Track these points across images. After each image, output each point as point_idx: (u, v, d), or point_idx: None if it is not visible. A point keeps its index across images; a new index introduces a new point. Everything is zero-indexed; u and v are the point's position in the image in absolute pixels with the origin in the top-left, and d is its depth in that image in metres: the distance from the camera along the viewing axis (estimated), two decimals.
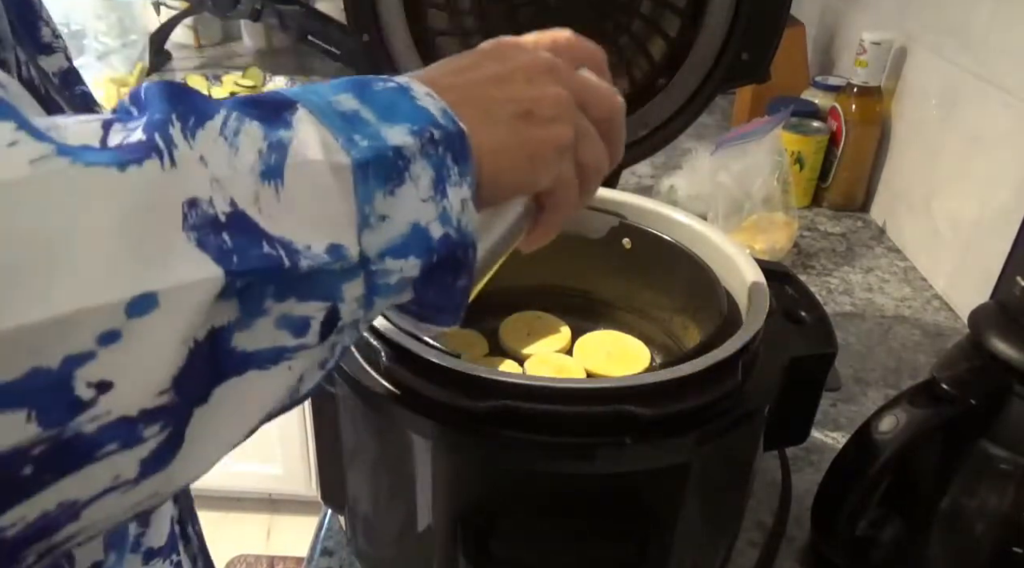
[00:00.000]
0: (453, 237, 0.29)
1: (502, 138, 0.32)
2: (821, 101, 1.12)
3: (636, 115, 0.71)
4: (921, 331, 0.86)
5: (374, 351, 0.43)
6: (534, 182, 0.33)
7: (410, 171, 0.28)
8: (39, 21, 0.38)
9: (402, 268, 0.28)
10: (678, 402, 0.40)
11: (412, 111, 0.29)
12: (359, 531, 0.53)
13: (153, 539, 0.46)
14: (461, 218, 0.29)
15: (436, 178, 0.28)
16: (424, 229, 0.28)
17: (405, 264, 0.28)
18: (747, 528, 0.58)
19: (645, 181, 1.16)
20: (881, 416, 0.51)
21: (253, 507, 1.91)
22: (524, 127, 0.32)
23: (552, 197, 0.35)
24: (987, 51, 0.86)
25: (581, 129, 0.35)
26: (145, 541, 0.45)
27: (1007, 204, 0.80)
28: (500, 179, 0.32)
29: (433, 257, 0.29)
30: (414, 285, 0.29)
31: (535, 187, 0.34)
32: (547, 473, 0.41)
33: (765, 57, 0.67)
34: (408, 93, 0.29)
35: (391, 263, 0.27)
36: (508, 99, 0.32)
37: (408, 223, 0.28)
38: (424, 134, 0.28)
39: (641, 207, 0.58)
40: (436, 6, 0.67)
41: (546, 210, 0.35)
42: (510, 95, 0.33)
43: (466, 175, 0.29)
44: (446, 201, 0.29)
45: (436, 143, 0.28)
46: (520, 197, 0.34)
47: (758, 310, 0.46)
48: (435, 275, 0.29)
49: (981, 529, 0.49)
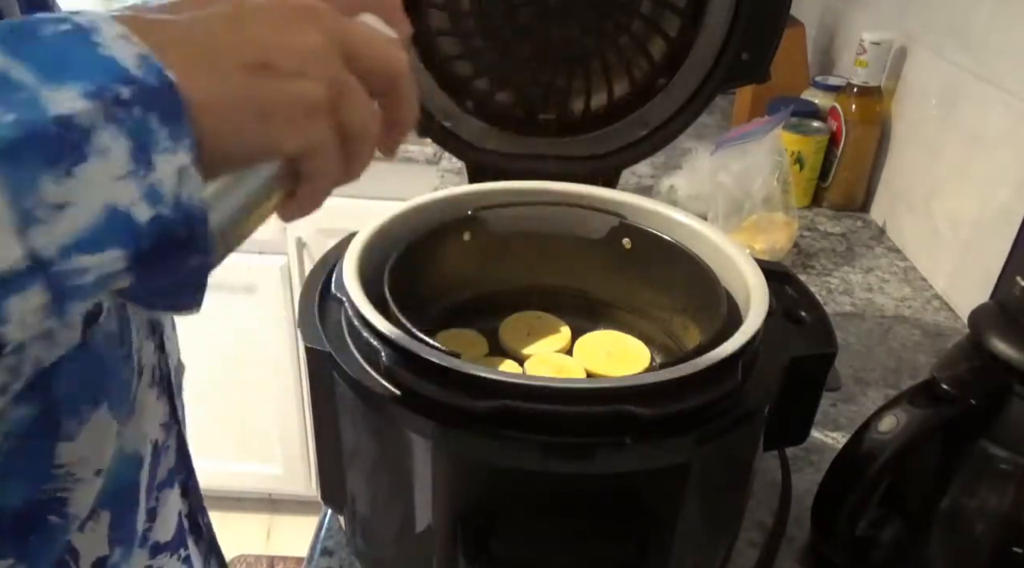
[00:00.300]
0: (167, 216, 0.24)
1: (226, 90, 0.26)
2: (821, 101, 1.12)
3: (636, 115, 0.71)
4: (921, 331, 0.86)
5: (374, 351, 0.43)
6: (272, 145, 0.28)
7: (92, 143, 0.22)
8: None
9: (100, 263, 0.23)
10: (678, 402, 0.40)
11: (90, 63, 0.23)
12: (359, 531, 0.53)
13: (160, 533, 0.46)
14: (180, 192, 0.24)
15: (136, 147, 0.23)
16: (124, 213, 0.23)
17: (103, 258, 0.23)
18: (747, 528, 0.58)
19: (645, 181, 1.17)
20: (881, 416, 0.51)
21: (253, 507, 1.91)
22: (257, 79, 0.27)
23: (306, 163, 0.29)
24: (987, 51, 0.86)
25: (341, 85, 0.29)
26: (152, 535, 0.45)
27: (1007, 204, 0.80)
28: (226, 141, 0.26)
29: (142, 244, 0.24)
30: (131, 274, 0.25)
31: (276, 150, 0.28)
32: (547, 473, 0.41)
33: (765, 57, 0.67)
34: (88, 38, 0.23)
35: (83, 259, 0.23)
36: (240, 43, 0.27)
37: (100, 207, 0.23)
38: (106, 94, 0.23)
39: (641, 207, 0.58)
40: (436, 6, 0.67)
41: (302, 179, 0.30)
42: (243, 38, 0.27)
43: (181, 138, 0.24)
44: (153, 174, 0.23)
45: (128, 104, 0.23)
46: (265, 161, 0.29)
47: (758, 310, 0.46)
48: (153, 261, 0.25)
49: (981, 529, 0.49)
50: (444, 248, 0.58)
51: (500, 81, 0.70)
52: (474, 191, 0.60)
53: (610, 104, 0.71)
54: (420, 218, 0.56)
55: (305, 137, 0.28)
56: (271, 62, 0.27)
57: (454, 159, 0.93)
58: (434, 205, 0.57)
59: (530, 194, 0.60)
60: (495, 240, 0.60)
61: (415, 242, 0.55)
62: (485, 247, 0.60)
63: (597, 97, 0.71)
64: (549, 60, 0.68)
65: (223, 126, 0.26)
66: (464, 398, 0.40)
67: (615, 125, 0.72)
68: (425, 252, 0.56)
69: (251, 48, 0.27)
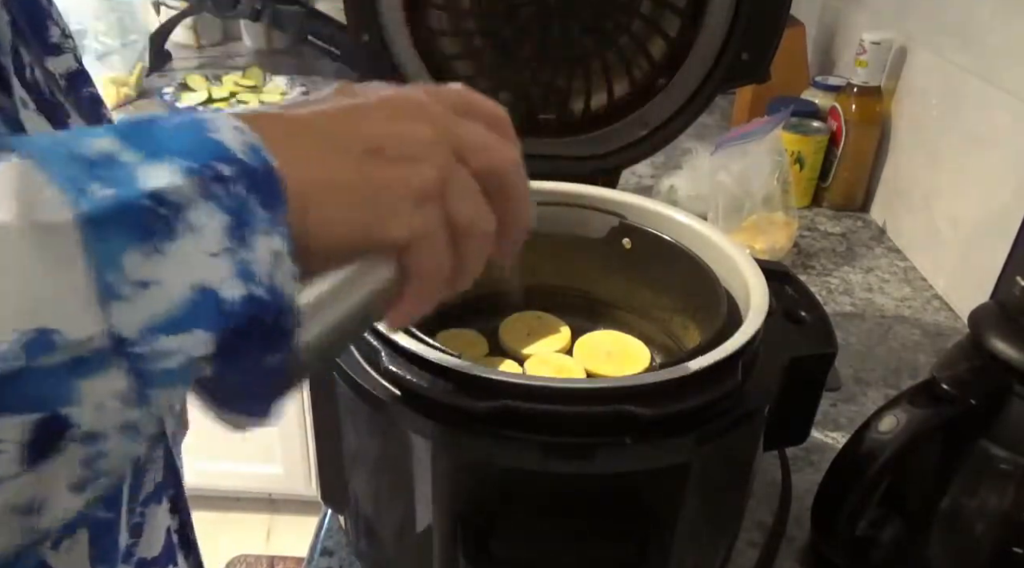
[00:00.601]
0: (260, 297, 0.23)
1: (336, 174, 0.26)
2: (821, 101, 1.12)
3: (636, 115, 0.71)
4: (921, 331, 0.86)
5: (374, 351, 0.43)
6: (378, 230, 0.27)
7: (185, 220, 0.21)
8: (48, 20, 0.37)
9: (185, 345, 0.22)
10: (678, 402, 0.40)
11: (196, 145, 0.22)
12: (359, 531, 0.53)
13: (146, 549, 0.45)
14: (274, 273, 0.23)
15: (233, 225, 0.22)
16: (213, 292, 0.22)
17: (188, 340, 0.22)
18: (747, 528, 0.58)
19: (645, 181, 1.16)
20: (881, 416, 0.51)
21: (253, 507, 1.91)
22: (366, 165, 0.26)
23: (412, 255, 0.28)
24: (987, 51, 0.86)
25: (451, 173, 0.29)
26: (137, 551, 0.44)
27: (1007, 204, 0.80)
28: (332, 225, 0.26)
29: (230, 324, 0.22)
30: (216, 361, 0.23)
31: (382, 236, 0.27)
32: (547, 473, 0.41)
33: (765, 57, 0.67)
34: (202, 126, 0.23)
35: (167, 341, 0.21)
36: (352, 134, 0.27)
37: (189, 286, 0.21)
38: (206, 171, 0.22)
39: (641, 207, 0.58)
40: (436, 6, 0.67)
41: (410, 275, 0.29)
42: (356, 130, 0.27)
43: (278, 223, 0.23)
44: (248, 253, 0.22)
45: (228, 181, 0.22)
46: (376, 258, 0.28)
47: (758, 310, 0.46)
48: (238, 349, 0.23)
49: (981, 529, 0.49)
50: None
51: (500, 81, 0.70)
52: None
53: (610, 104, 0.71)
54: None
55: (412, 224, 0.27)
56: (382, 148, 0.27)
57: None
58: None
59: (530, 194, 0.60)
60: None
61: None
62: None
63: (597, 97, 0.71)
64: (549, 60, 0.68)
65: (330, 212, 0.26)
66: (464, 398, 0.40)
67: (615, 125, 0.72)
68: None
69: (363, 137, 0.27)
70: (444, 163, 0.28)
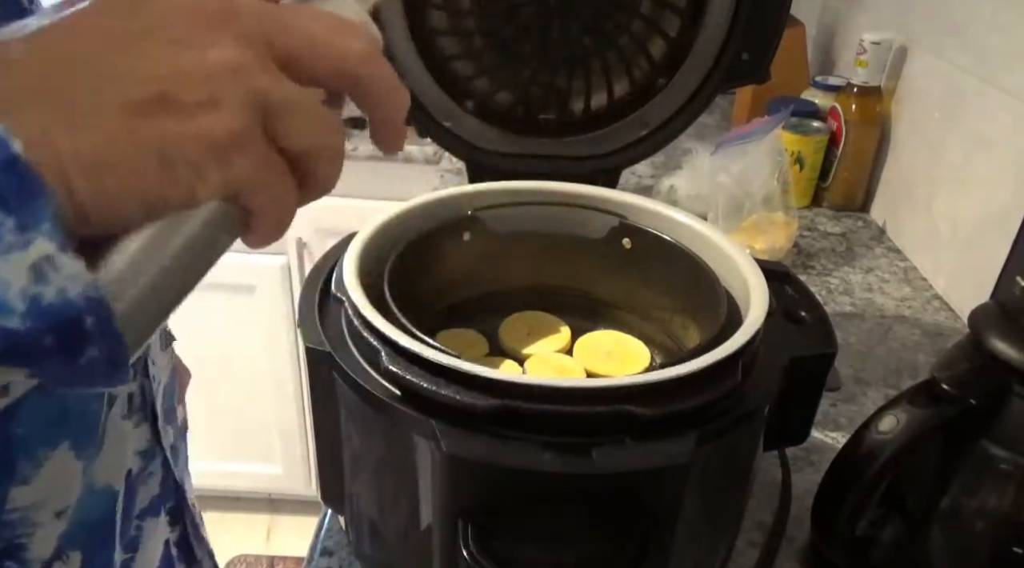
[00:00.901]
0: (15, 329, 0.19)
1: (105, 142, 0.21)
2: (821, 101, 1.12)
3: (636, 115, 0.71)
4: (921, 331, 0.86)
5: (374, 351, 0.43)
6: (179, 195, 0.22)
7: None
8: None
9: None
10: (678, 402, 0.40)
11: None
12: (359, 531, 0.53)
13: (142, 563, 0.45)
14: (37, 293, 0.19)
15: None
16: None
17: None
18: (747, 528, 0.58)
19: (645, 181, 1.17)
20: (881, 416, 0.51)
21: (253, 507, 1.91)
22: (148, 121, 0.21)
23: (243, 200, 0.24)
24: (987, 51, 0.86)
25: (267, 104, 0.23)
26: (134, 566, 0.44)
27: (1007, 204, 0.80)
28: (117, 202, 0.21)
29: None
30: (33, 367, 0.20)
31: (187, 200, 0.23)
32: (547, 473, 0.41)
33: (765, 57, 0.67)
34: None
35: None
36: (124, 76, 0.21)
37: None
38: None
39: (641, 207, 0.58)
40: (436, 6, 0.67)
41: (250, 213, 0.25)
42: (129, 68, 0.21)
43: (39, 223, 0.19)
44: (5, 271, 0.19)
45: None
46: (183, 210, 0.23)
47: (758, 310, 0.46)
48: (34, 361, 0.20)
49: (981, 529, 0.49)
50: (444, 248, 0.58)
51: (500, 81, 0.70)
52: (474, 191, 0.60)
53: (610, 104, 0.71)
54: (420, 218, 0.56)
55: (225, 178, 0.23)
56: (168, 94, 0.22)
57: (454, 159, 0.93)
58: (434, 205, 0.57)
59: (530, 194, 0.60)
60: (495, 240, 0.60)
61: (415, 242, 0.55)
62: (485, 247, 0.60)
63: (597, 97, 0.71)
64: (549, 60, 0.68)
65: (109, 186, 0.21)
66: (464, 398, 0.40)
67: (615, 125, 0.72)
68: (425, 252, 0.56)
69: (140, 81, 0.21)
70: (257, 91, 0.23)
